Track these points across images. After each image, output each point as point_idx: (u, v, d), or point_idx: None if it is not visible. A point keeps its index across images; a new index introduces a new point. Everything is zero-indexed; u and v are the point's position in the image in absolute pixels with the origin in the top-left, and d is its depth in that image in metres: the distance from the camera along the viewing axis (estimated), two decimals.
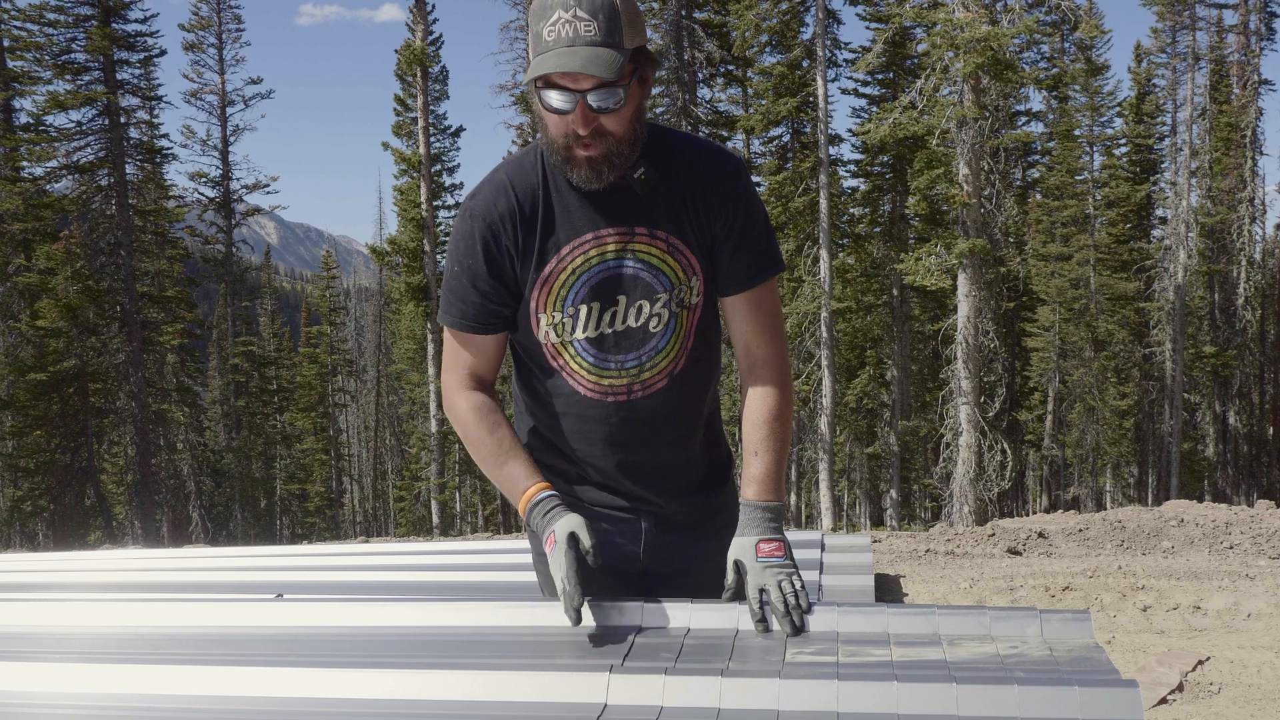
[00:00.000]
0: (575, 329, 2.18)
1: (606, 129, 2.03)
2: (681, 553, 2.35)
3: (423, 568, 5.93)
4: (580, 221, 2.15)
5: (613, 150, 2.05)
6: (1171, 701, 4.36)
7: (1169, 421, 32.63)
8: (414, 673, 1.84)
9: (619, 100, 2.01)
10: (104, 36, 28.30)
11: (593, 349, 2.19)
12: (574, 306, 2.16)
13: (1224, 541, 8.39)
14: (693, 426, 2.31)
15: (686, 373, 2.24)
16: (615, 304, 2.17)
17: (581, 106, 1.99)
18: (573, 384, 2.22)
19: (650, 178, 2.13)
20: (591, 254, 2.15)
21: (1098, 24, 29.81)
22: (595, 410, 2.23)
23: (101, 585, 5.72)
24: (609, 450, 2.26)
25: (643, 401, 2.22)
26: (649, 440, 2.25)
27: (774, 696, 1.69)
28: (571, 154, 2.06)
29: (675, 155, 2.19)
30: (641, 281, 2.16)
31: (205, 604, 2.30)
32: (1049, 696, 1.62)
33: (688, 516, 2.35)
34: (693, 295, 2.20)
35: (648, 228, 2.15)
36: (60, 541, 25.84)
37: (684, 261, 2.17)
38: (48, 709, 1.88)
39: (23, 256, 28.40)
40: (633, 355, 2.19)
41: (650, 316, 2.17)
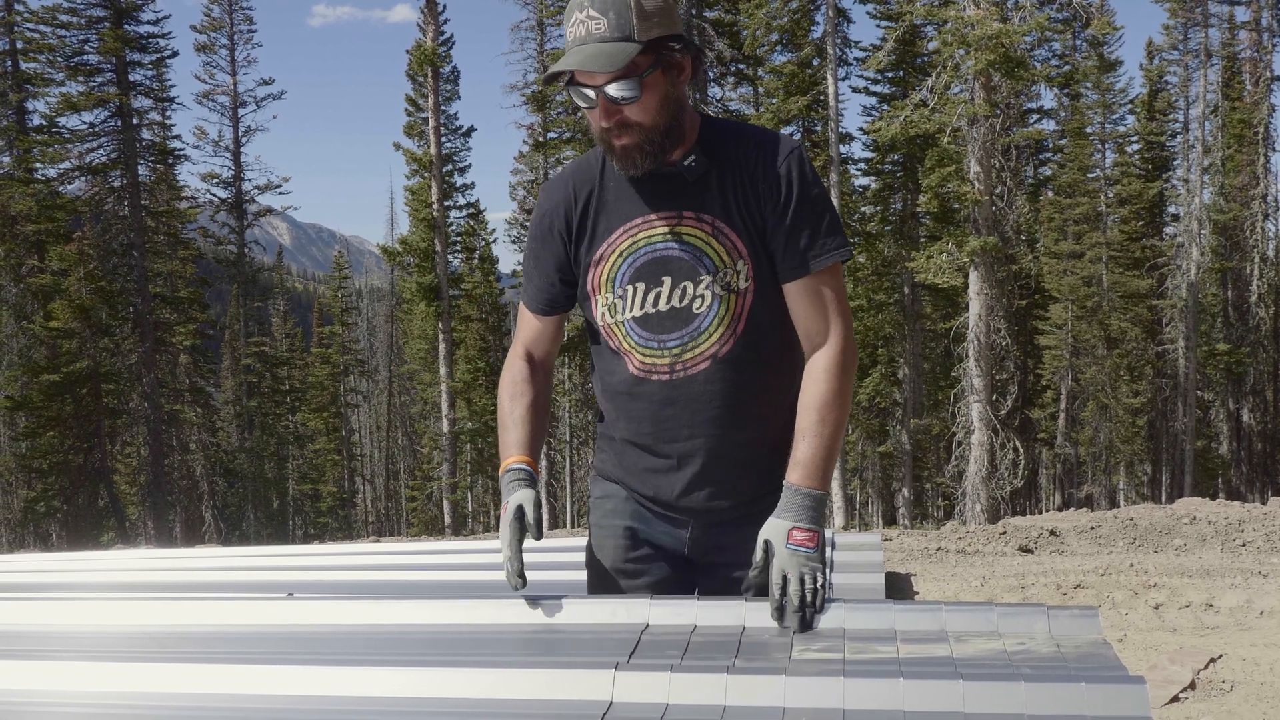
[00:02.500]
0: (625, 309, 2.27)
1: (632, 119, 2.14)
2: (728, 543, 2.35)
3: (434, 567, 5.95)
4: (630, 207, 2.27)
5: (644, 139, 2.16)
6: (1184, 699, 4.34)
7: (1182, 419, 32.50)
8: (423, 671, 1.85)
9: (634, 91, 2.11)
10: (116, 38, 28.40)
11: (639, 328, 2.27)
12: (623, 287, 2.27)
13: (1237, 539, 8.35)
14: (746, 419, 2.29)
15: (733, 357, 2.26)
16: (660, 285, 2.24)
17: (602, 100, 2.13)
18: (626, 362, 2.32)
19: (699, 164, 2.22)
20: (639, 237, 2.25)
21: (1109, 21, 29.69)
22: (642, 388, 2.31)
23: (114, 585, 5.75)
24: (655, 429, 2.32)
25: (684, 381, 2.27)
26: (691, 424, 2.29)
27: (780, 694, 1.69)
28: (610, 144, 2.19)
29: (727, 141, 2.26)
30: (685, 263, 2.23)
31: (217, 603, 2.31)
32: (1055, 693, 1.62)
33: (735, 515, 2.34)
34: (740, 280, 2.23)
35: (695, 212, 2.23)
36: (73, 542, 25.93)
37: (728, 244, 2.22)
38: (61, 707, 1.89)
39: (36, 258, 28.52)
40: (675, 335, 2.26)
41: (694, 298, 2.23)
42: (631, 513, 2.42)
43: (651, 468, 2.35)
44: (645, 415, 2.32)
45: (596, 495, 2.50)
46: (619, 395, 2.35)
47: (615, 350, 2.33)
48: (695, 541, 2.38)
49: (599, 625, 2.04)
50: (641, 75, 2.11)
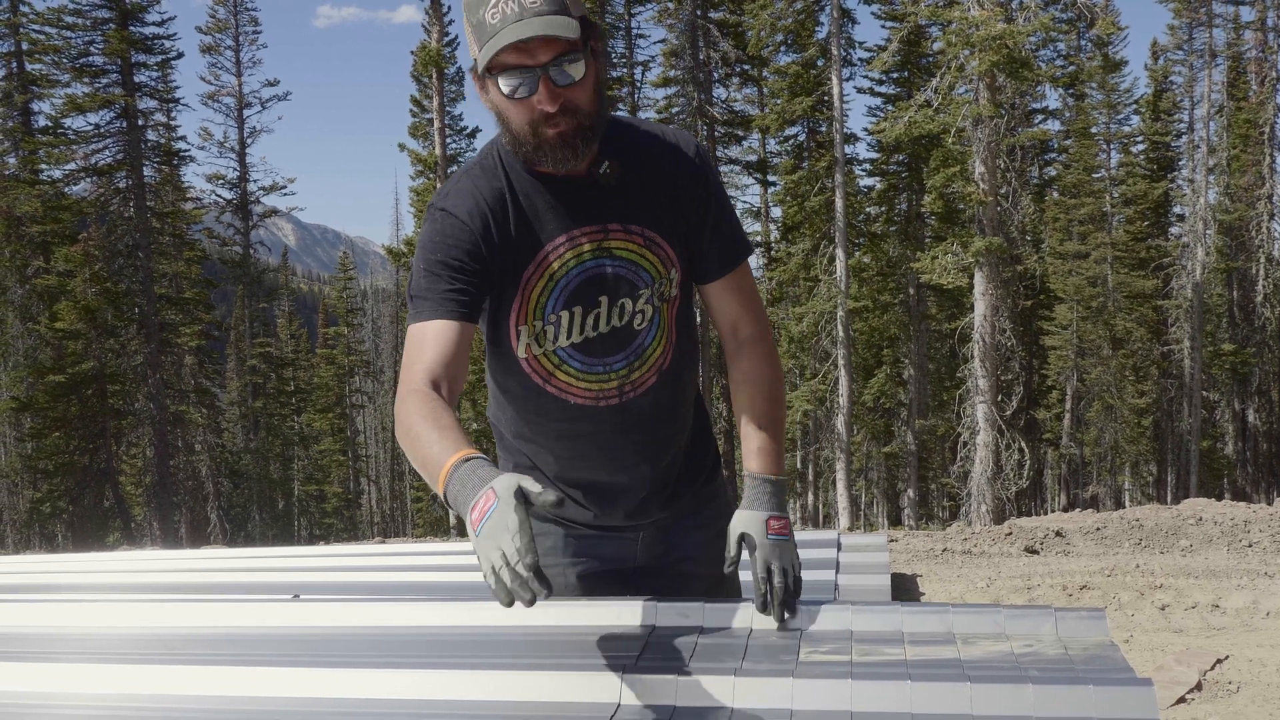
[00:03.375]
0: (558, 336, 2.07)
1: (574, 103, 1.91)
2: (676, 543, 2.33)
3: (439, 568, 5.95)
4: (551, 224, 2.04)
5: (583, 124, 1.93)
6: (1190, 700, 4.34)
7: (1188, 419, 32.46)
8: (429, 673, 1.85)
9: (581, 68, 1.89)
10: (122, 39, 28.45)
11: (579, 354, 2.09)
12: (555, 314, 2.06)
13: (1243, 540, 8.34)
14: (683, 422, 2.28)
15: (674, 367, 2.18)
16: (597, 305, 2.07)
17: (545, 82, 1.87)
18: (560, 394, 2.12)
19: (615, 170, 2.04)
20: (568, 257, 2.04)
21: (1114, 21, 29.69)
22: (587, 417, 2.14)
23: (120, 586, 5.75)
24: (605, 459, 2.18)
25: (634, 402, 2.15)
26: (644, 443, 2.19)
27: (787, 696, 1.69)
28: (541, 137, 1.93)
29: (639, 144, 2.11)
30: (622, 280, 2.07)
31: (222, 604, 2.31)
32: (1063, 695, 1.61)
33: (680, 515, 2.32)
34: (671, 288, 2.13)
35: (621, 223, 2.06)
36: (79, 542, 25.98)
37: (661, 254, 2.09)
38: (66, 709, 1.89)
39: (42, 259, 28.60)
40: (620, 356, 2.11)
41: (634, 314, 2.09)
42: (575, 549, 2.28)
43: (599, 494, 2.22)
44: (592, 446, 2.17)
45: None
46: (557, 430, 2.16)
47: (541, 385, 2.11)
48: (646, 552, 2.32)
49: (606, 627, 2.04)
50: (584, 51, 1.89)
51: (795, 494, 35.85)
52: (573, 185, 2.04)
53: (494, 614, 2.14)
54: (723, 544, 2.18)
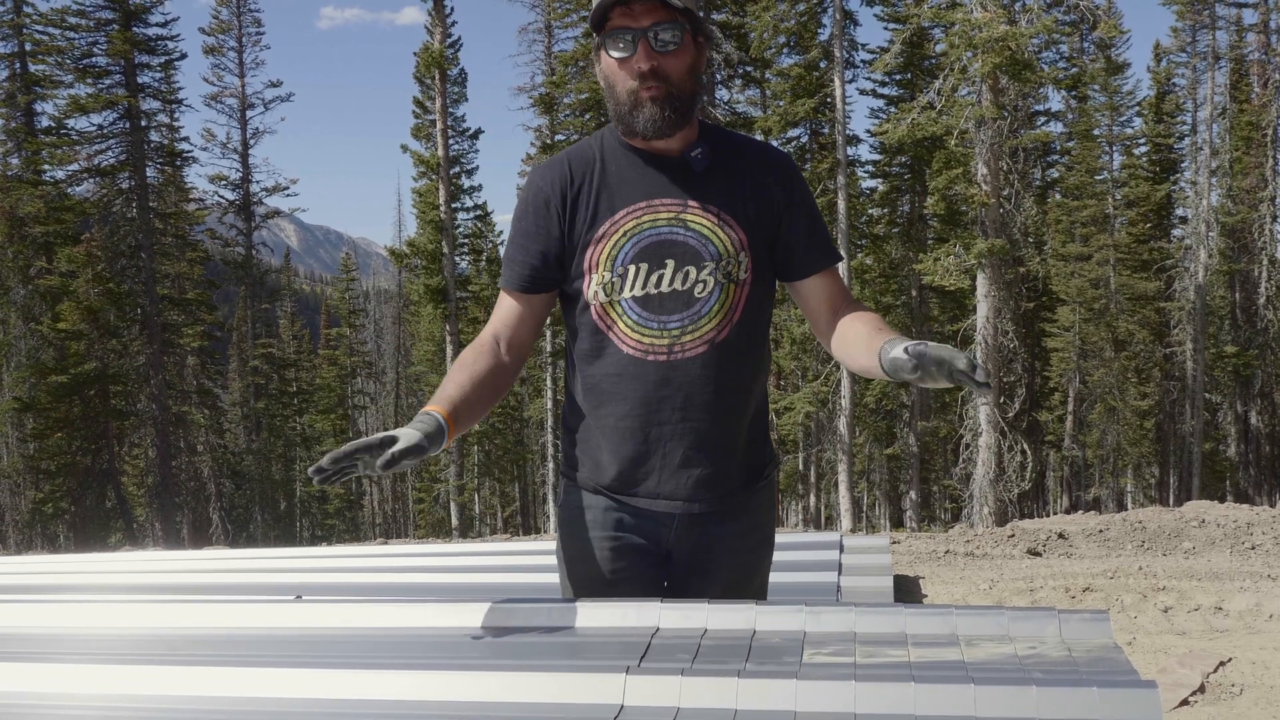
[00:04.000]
0: (624, 288, 2.26)
1: (667, 70, 2.17)
2: (709, 537, 2.35)
3: (441, 569, 5.96)
4: (634, 191, 2.28)
5: (674, 93, 2.19)
6: (1193, 703, 4.33)
7: (1190, 422, 32.44)
8: (432, 674, 1.85)
9: (678, 37, 2.16)
10: (125, 40, 28.49)
11: (639, 307, 2.26)
12: (623, 266, 2.25)
13: (1245, 542, 8.33)
14: (732, 406, 2.31)
15: (729, 344, 2.28)
16: (663, 267, 2.24)
17: (643, 44, 2.15)
18: (618, 343, 2.28)
19: (705, 156, 2.28)
20: (644, 219, 2.26)
21: (1116, 23, 29.70)
22: (635, 369, 2.27)
23: (122, 587, 5.76)
24: (646, 412, 2.28)
25: (682, 363, 2.26)
26: (684, 406, 2.27)
27: (791, 697, 1.68)
28: (637, 99, 2.19)
29: (734, 143, 2.36)
30: (690, 248, 2.25)
31: (225, 605, 2.31)
32: (1067, 698, 1.61)
33: (719, 510, 2.34)
34: (740, 271, 2.27)
35: (700, 202, 2.27)
36: (81, 543, 26.00)
37: (733, 236, 2.26)
38: (68, 710, 1.89)
39: (44, 259, 28.63)
40: (676, 317, 2.25)
41: (696, 282, 2.25)
42: (614, 522, 2.36)
43: (637, 455, 2.31)
44: (637, 397, 2.28)
45: (572, 504, 2.42)
46: (607, 378, 2.30)
47: (605, 332, 2.29)
48: (678, 539, 2.35)
49: (609, 628, 2.04)
50: (684, 25, 2.18)
51: (797, 496, 35.85)
52: (663, 162, 2.29)
53: (497, 615, 2.14)
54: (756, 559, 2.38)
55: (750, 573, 2.41)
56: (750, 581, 2.40)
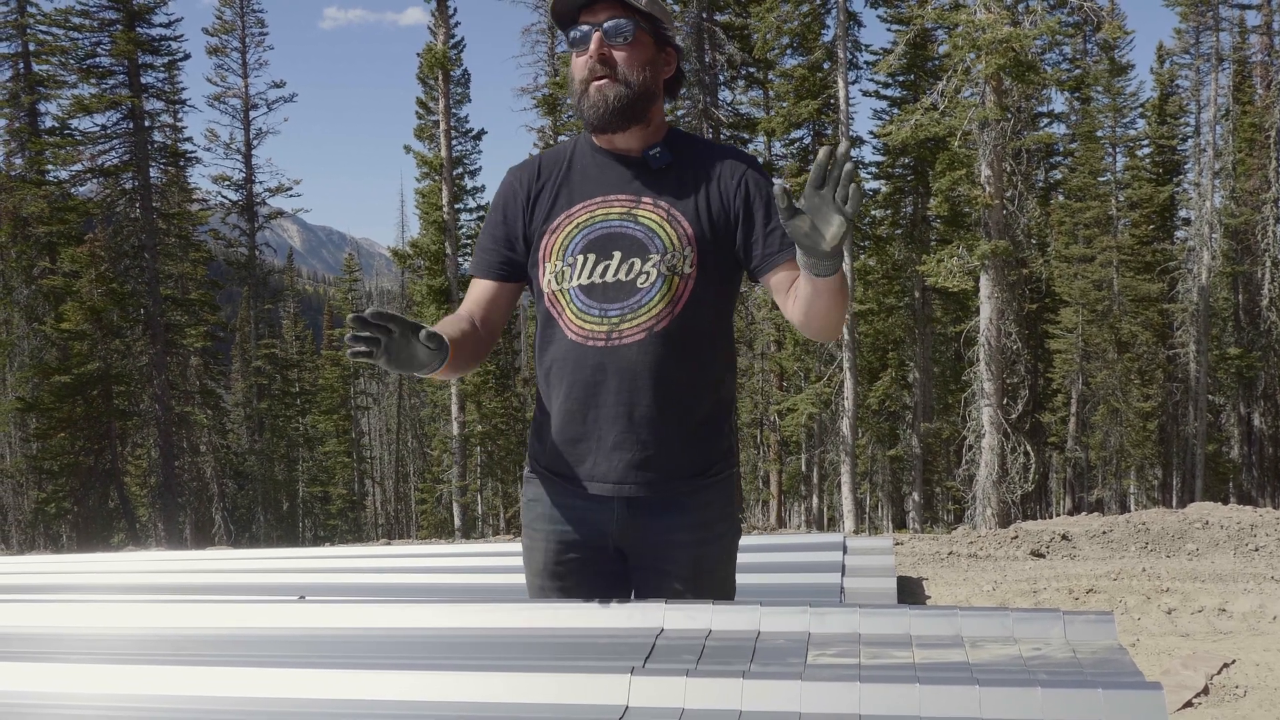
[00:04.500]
0: (572, 277, 2.36)
1: (615, 60, 2.33)
2: (654, 532, 2.37)
3: (445, 570, 5.95)
4: (592, 187, 2.42)
5: (620, 88, 2.33)
6: (1197, 705, 4.32)
7: (1193, 423, 32.39)
8: (436, 674, 1.85)
9: (630, 31, 2.32)
10: (129, 41, 28.50)
11: (583, 295, 2.36)
12: (573, 256, 2.37)
13: (1249, 544, 8.32)
14: (670, 395, 2.34)
15: (669, 334, 2.33)
16: (610, 258, 2.35)
17: (597, 38, 2.32)
18: (564, 329, 2.38)
19: (664, 156, 2.40)
20: (597, 212, 2.39)
21: (1120, 25, 29.68)
22: (577, 354, 2.36)
23: (125, 587, 5.76)
24: (586, 395, 2.36)
25: (619, 349, 2.33)
26: (619, 390, 2.33)
27: (795, 698, 1.68)
28: (587, 86, 2.35)
29: (697, 146, 2.48)
30: (637, 241, 2.35)
31: (228, 606, 2.31)
32: (1072, 699, 1.61)
33: (664, 499, 2.37)
34: (685, 265, 2.35)
35: (652, 198, 2.39)
36: (84, 543, 26.01)
37: (680, 231, 2.35)
38: (72, 710, 1.89)
39: (48, 259, 28.64)
40: (617, 305, 2.34)
41: (640, 273, 2.34)
42: (560, 516, 2.43)
43: (577, 436, 2.38)
44: (578, 380, 2.36)
45: (527, 498, 2.51)
46: (555, 363, 2.40)
47: (555, 318, 2.40)
48: (622, 530, 2.38)
49: (613, 629, 2.04)
50: (637, 24, 2.33)
51: (800, 497, 35.85)
52: (624, 161, 2.43)
53: (501, 616, 2.14)
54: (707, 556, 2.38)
55: (701, 570, 2.39)
56: (702, 580, 2.38)
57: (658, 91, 2.41)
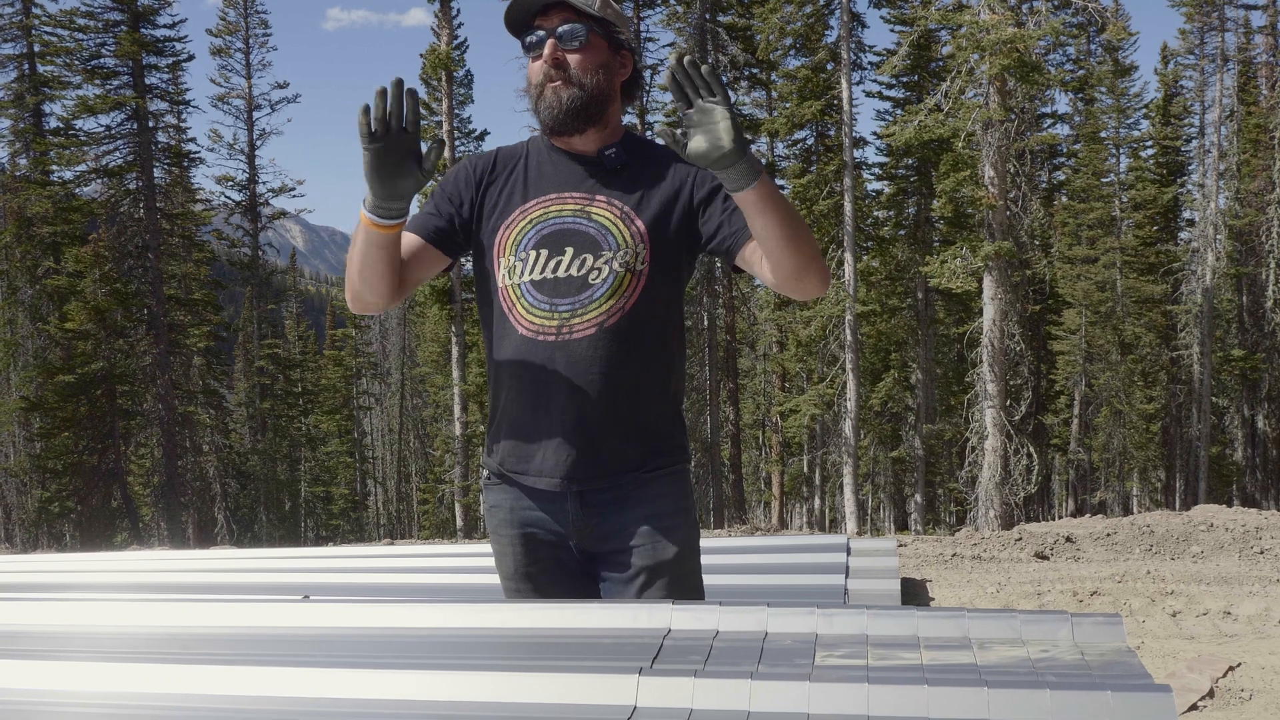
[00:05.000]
0: (524, 272, 2.38)
1: (570, 67, 2.36)
2: (610, 526, 2.40)
3: (448, 570, 5.96)
4: (548, 183, 2.45)
5: (574, 90, 2.36)
6: (1202, 708, 4.32)
7: (1197, 425, 32.36)
8: (440, 674, 1.84)
9: (582, 35, 2.35)
10: (133, 42, 28.53)
11: (535, 290, 2.37)
12: (525, 251, 2.39)
13: (1254, 546, 8.31)
14: (620, 390, 2.36)
15: (619, 329, 2.35)
16: (562, 253, 2.37)
17: (551, 42, 2.35)
18: (515, 324, 2.39)
19: (619, 156, 2.44)
20: (551, 209, 2.41)
21: (1124, 26, 29.63)
22: (527, 349, 2.37)
23: (128, 586, 5.77)
24: (535, 390, 2.37)
25: (569, 344, 2.34)
26: (569, 386, 2.35)
27: (804, 699, 1.68)
28: (542, 89, 2.38)
29: (649, 148, 2.51)
30: (589, 237, 2.37)
31: (232, 605, 2.31)
32: (1081, 701, 1.60)
33: (615, 493, 2.39)
34: (638, 262, 2.37)
35: (606, 197, 2.41)
36: (87, 542, 26.04)
37: (633, 229, 2.38)
38: (75, 708, 1.89)
39: (52, 259, 28.68)
40: (567, 300, 2.35)
41: (592, 269, 2.36)
42: (520, 519, 2.45)
43: (527, 432, 2.40)
44: (528, 375, 2.37)
45: (488, 505, 2.53)
46: (506, 360, 2.41)
47: (506, 314, 2.40)
48: (577, 526, 2.41)
49: (620, 630, 2.03)
50: (590, 29, 2.36)
51: (802, 498, 35.85)
52: (580, 161, 2.45)
53: (505, 616, 2.14)
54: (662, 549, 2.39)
55: (661, 565, 2.39)
56: (663, 574, 2.39)
57: (613, 94, 2.44)
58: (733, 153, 2.05)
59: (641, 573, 2.38)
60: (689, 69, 2.02)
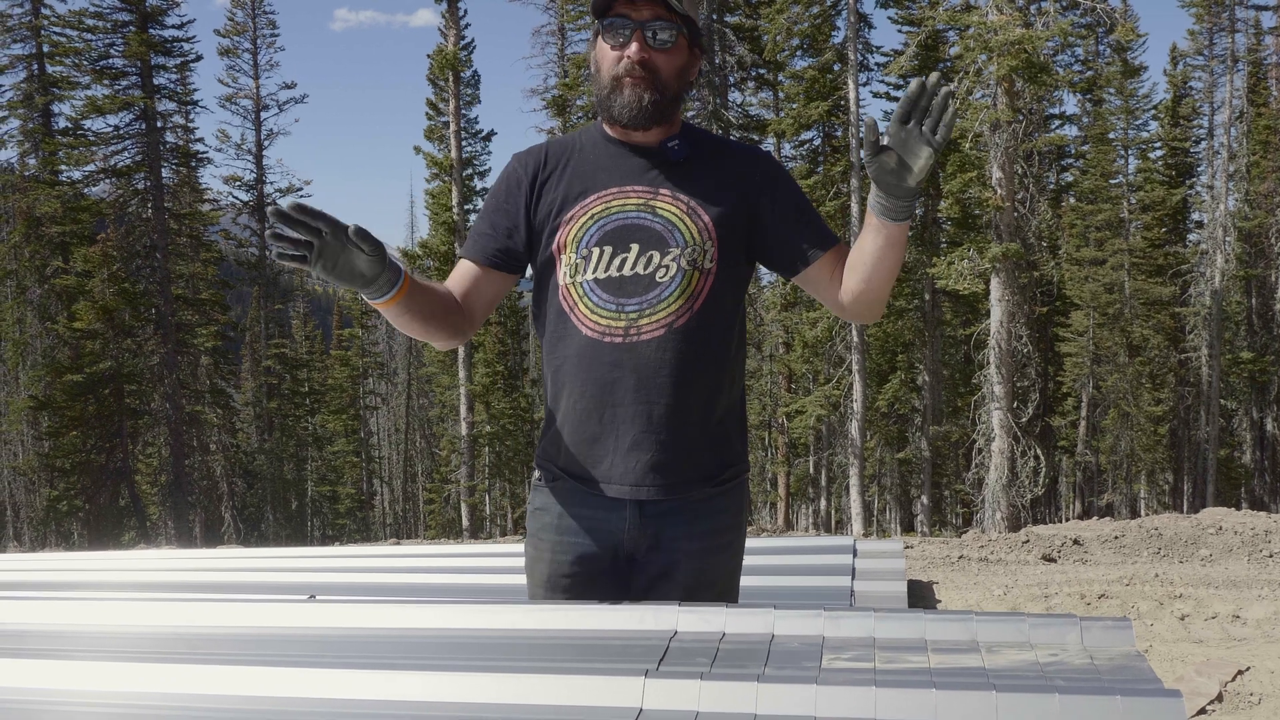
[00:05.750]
0: (587, 270, 2.28)
1: (657, 65, 2.26)
2: (665, 537, 2.32)
3: (454, 570, 5.95)
4: (607, 177, 2.34)
5: (658, 89, 2.26)
6: (1210, 712, 4.30)
7: (1205, 428, 32.28)
8: (446, 675, 1.84)
9: (673, 37, 2.25)
10: (141, 42, 28.60)
11: (599, 290, 2.28)
12: (588, 249, 2.28)
13: (1263, 549, 8.28)
14: (689, 393, 2.29)
15: (688, 330, 2.27)
16: (627, 251, 2.27)
17: (639, 37, 2.24)
18: (577, 324, 2.30)
19: (682, 148, 2.34)
20: (613, 204, 2.31)
21: (1133, 26, 29.60)
22: (592, 351, 2.28)
23: (136, 585, 5.77)
24: (601, 394, 2.28)
25: (637, 346, 2.26)
26: (638, 389, 2.26)
27: (811, 702, 1.67)
28: (619, 83, 2.27)
29: (713, 141, 2.42)
30: (656, 233, 2.28)
31: (238, 604, 2.31)
32: (1090, 706, 1.59)
33: (679, 503, 2.31)
34: (706, 260, 2.29)
35: (671, 191, 2.31)
36: (95, 541, 26.10)
37: (700, 224, 2.29)
38: (82, 708, 1.89)
39: (61, 259, 28.76)
40: (634, 300, 2.27)
41: (659, 267, 2.27)
42: (569, 526, 2.35)
43: (593, 436, 2.31)
44: (593, 378, 2.28)
45: (534, 506, 2.44)
46: (568, 360, 2.32)
47: (568, 314, 2.31)
48: (632, 535, 2.32)
49: (627, 632, 2.02)
50: (679, 28, 2.26)
51: (808, 499, 35.79)
52: (641, 153, 2.35)
53: (511, 617, 2.13)
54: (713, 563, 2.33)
55: (704, 581, 2.35)
56: (705, 590, 2.34)
57: (687, 94, 2.37)
58: (914, 190, 2.05)
59: (685, 586, 2.32)
60: (931, 90, 1.96)
